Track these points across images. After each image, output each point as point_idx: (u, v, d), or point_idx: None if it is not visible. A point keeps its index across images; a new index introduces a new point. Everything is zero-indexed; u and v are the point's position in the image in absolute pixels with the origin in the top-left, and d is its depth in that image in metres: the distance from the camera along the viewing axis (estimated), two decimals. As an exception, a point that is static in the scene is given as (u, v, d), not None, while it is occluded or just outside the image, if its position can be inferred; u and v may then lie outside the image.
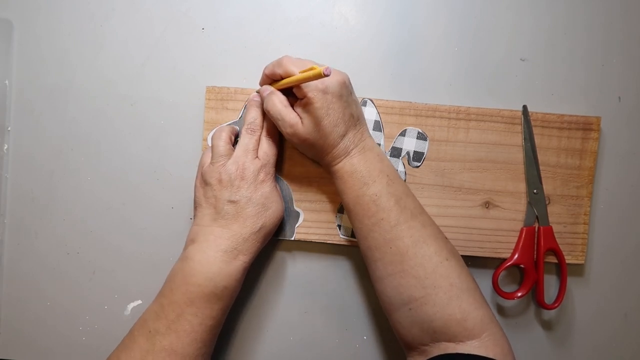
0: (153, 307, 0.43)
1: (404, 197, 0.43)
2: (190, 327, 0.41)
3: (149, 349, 0.41)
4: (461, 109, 0.49)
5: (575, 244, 0.49)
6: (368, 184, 0.43)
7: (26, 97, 0.52)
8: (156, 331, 0.42)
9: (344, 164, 0.44)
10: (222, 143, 0.46)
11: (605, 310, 0.51)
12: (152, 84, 0.51)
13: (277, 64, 0.44)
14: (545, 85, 0.51)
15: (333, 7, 0.51)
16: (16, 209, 0.52)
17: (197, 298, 0.42)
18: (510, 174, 0.49)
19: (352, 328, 0.51)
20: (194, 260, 0.42)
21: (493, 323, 0.41)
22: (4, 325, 0.52)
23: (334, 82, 0.42)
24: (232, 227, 0.43)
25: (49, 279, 0.52)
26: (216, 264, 0.42)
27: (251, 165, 0.44)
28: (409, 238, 0.42)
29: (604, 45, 0.51)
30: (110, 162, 0.52)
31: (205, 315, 0.42)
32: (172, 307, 0.42)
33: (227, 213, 0.43)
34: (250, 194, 0.44)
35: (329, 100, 0.42)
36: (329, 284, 0.51)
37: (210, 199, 0.44)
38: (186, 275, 0.42)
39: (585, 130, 0.49)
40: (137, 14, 0.51)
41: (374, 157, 0.44)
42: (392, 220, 0.42)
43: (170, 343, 0.41)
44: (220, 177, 0.44)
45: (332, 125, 0.43)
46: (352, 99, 0.44)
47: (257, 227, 0.44)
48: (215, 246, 0.43)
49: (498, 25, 0.51)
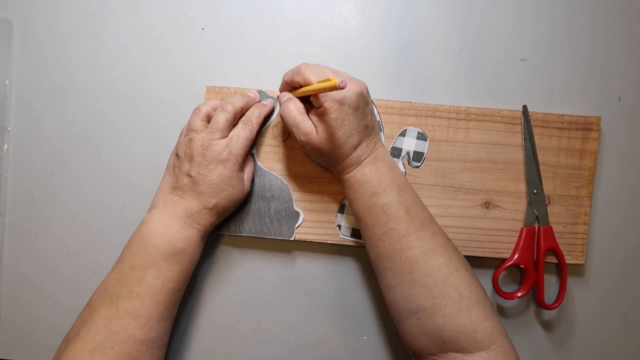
0: (112, 275, 0.43)
1: (414, 206, 0.43)
2: (152, 290, 0.42)
3: (112, 315, 0.41)
4: (461, 109, 0.49)
5: (575, 244, 0.49)
6: (379, 193, 0.43)
7: (26, 97, 0.52)
8: (118, 296, 0.42)
9: (355, 174, 0.44)
10: (198, 119, 0.46)
11: (605, 311, 0.51)
12: (152, 84, 0.51)
13: (295, 72, 0.44)
14: (546, 86, 0.51)
15: (333, 7, 0.51)
16: (16, 209, 0.52)
17: (157, 259, 0.42)
18: (510, 174, 0.49)
19: (352, 328, 0.51)
20: (152, 224, 0.44)
21: (502, 335, 0.41)
22: (4, 325, 0.52)
23: (351, 93, 0.42)
24: (186, 198, 0.44)
25: (49, 279, 0.52)
26: (173, 227, 0.43)
27: (216, 144, 0.44)
28: (418, 248, 0.42)
29: (604, 45, 0.51)
30: (110, 162, 0.52)
31: (167, 278, 0.43)
32: (133, 271, 0.42)
33: (184, 185, 0.44)
34: (206, 173, 0.44)
35: (345, 112, 0.42)
36: (329, 284, 0.51)
37: (175, 169, 0.46)
38: (145, 238, 0.43)
39: (585, 130, 0.49)
40: (137, 14, 0.51)
41: (385, 166, 0.44)
42: (402, 230, 0.42)
43: (133, 306, 0.41)
44: (185, 151, 0.45)
45: (346, 136, 0.43)
46: (368, 110, 0.44)
47: (210, 204, 0.44)
48: (172, 212, 0.44)
49: (498, 25, 0.51)
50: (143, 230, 0.44)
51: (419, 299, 0.41)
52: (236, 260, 0.51)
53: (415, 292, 0.42)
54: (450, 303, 0.41)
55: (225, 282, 0.51)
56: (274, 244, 0.51)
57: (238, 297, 0.51)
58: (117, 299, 0.42)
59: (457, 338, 0.40)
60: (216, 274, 0.51)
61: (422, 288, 0.41)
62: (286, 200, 0.50)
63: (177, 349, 0.51)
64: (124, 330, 0.41)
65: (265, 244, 0.51)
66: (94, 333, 0.41)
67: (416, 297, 0.41)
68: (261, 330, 0.51)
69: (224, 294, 0.51)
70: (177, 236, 0.43)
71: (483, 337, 0.40)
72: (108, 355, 0.40)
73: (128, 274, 0.42)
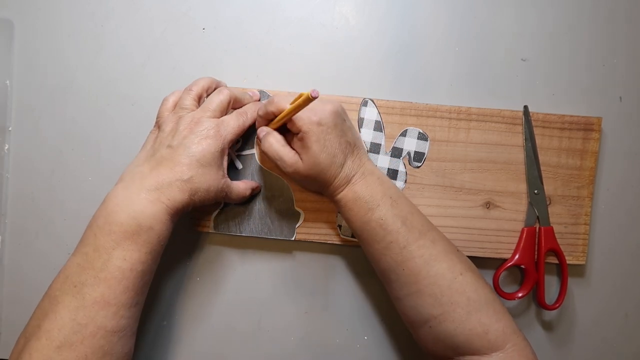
0: (74, 259, 0.40)
1: (409, 216, 0.43)
2: (120, 274, 0.38)
3: (78, 305, 0.37)
4: (462, 109, 0.49)
5: (576, 245, 0.49)
6: (372, 208, 0.43)
7: (27, 97, 0.52)
8: (83, 284, 0.38)
9: (347, 192, 0.44)
10: (189, 97, 0.45)
11: (606, 311, 0.51)
12: (153, 84, 0.51)
13: (268, 103, 0.44)
14: (546, 86, 0.50)
15: (333, 7, 0.51)
16: (17, 209, 0.52)
17: (123, 239, 0.39)
18: (511, 174, 0.49)
19: (353, 328, 0.51)
20: (118, 198, 0.40)
21: (516, 334, 0.41)
22: (4, 325, 0.52)
23: (326, 113, 0.42)
24: (159, 169, 0.41)
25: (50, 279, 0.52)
26: (139, 201, 0.40)
27: (206, 121, 0.43)
28: (420, 258, 0.42)
29: (605, 45, 0.51)
30: (111, 162, 0.52)
31: (135, 260, 0.39)
32: (97, 253, 0.39)
33: (161, 156, 0.42)
34: (189, 144, 0.42)
35: (325, 131, 0.42)
36: (329, 284, 0.51)
37: (155, 143, 0.43)
38: (109, 214, 0.39)
39: (586, 130, 0.49)
40: (137, 14, 0.51)
41: (375, 180, 0.44)
42: (401, 242, 0.42)
43: (101, 294, 0.38)
44: (172, 127, 0.43)
45: (331, 156, 0.43)
46: (347, 126, 0.44)
47: (184, 177, 0.41)
48: (140, 184, 0.40)
49: (499, 25, 0.51)
50: (107, 206, 0.40)
51: (427, 308, 0.41)
52: (237, 260, 0.51)
53: (423, 302, 0.41)
54: (459, 308, 0.41)
55: (225, 282, 0.51)
56: (274, 244, 0.51)
57: (239, 297, 0.51)
58: (82, 286, 0.38)
59: (470, 342, 0.40)
60: (217, 274, 0.51)
61: (429, 297, 0.41)
62: (287, 200, 0.50)
63: (177, 349, 0.51)
64: (92, 321, 0.37)
65: (265, 244, 0.51)
66: (59, 326, 0.37)
67: (424, 306, 0.41)
68: (262, 330, 0.51)
69: (224, 294, 0.51)
70: (144, 212, 0.39)
71: (496, 337, 0.40)
72: (78, 350, 0.37)
73: (92, 256, 0.39)
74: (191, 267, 0.51)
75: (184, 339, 0.51)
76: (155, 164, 0.42)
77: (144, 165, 0.42)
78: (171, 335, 0.51)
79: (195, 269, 0.51)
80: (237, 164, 0.49)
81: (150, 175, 0.41)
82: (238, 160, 0.49)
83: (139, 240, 0.39)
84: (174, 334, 0.51)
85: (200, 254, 0.51)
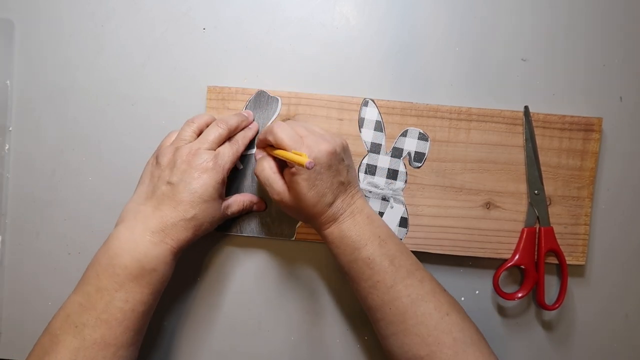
0: (76, 298, 0.40)
1: (398, 255, 0.43)
2: (122, 315, 0.39)
3: (78, 345, 0.38)
4: (462, 110, 0.49)
5: (576, 245, 0.49)
6: (359, 248, 0.42)
7: (27, 97, 0.52)
8: (84, 325, 0.38)
9: (333, 230, 0.43)
10: (189, 130, 0.45)
11: (606, 311, 0.51)
12: (153, 84, 0.51)
13: (268, 131, 0.44)
14: (547, 86, 0.50)
15: (334, 7, 0.51)
16: (17, 209, 0.52)
17: (126, 281, 0.39)
18: (511, 175, 0.49)
19: (353, 328, 0.51)
20: (120, 240, 0.40)
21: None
22: (5, 325, 0.52)
23: (322, 152, 0.41)
24: (162, 209, 0.41)
25: (51, 279, 0.52)
26: (143, 244, 0.40)
27: (203, 153, 0.43)
28: (407, 297, 0.41)
29: (605, 45, 0.50)
30: (111, 162, 0.52)
31: (137, 301, 0.40)
32: (100, 294, 0.39)
33: (162, 194, 0.42)
34: (189, 180, 0.42)
35: (317, 172, 0.41)
36: (330, 284, 0.51)
37: (154, 178, 0.43)
38: (112, 257, 0.40)
39: (587, 131, 0.49)
40: (137, 14, 0.51)
41: (364, 219, 0.43)
42: (389, 282, 0.42)
43: (101, 335, 0.38)
44: (170, 158, 0.43)
45: (319, 196, 0.42)
46: (343, 166, 0.43)
47: (188, 215, 0.41)
48: (143, 225, 0.41)
49: (499, 25, 0.51)
50: (110, 247, 0.40)
51: (414, 348, 0.41)
52: (237, 260, 0.51)
53: (410, 341, 0.41)
54: (445, 348, 0.40)
55: (226, 282, 0.51)
56: (274, 244, 0.51)
57: (239, 297, 0.51)
58: (83, 327, 0.38)
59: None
60: (217, 274, 0.51)
61: (416, 336, 0.41)
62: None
63: (177, 349, 0.51)
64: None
65: (266, 244, 0.51)
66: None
67: (411, 346, 0.41)
68: (262, 330, 0.51)
69: (224, 294, 0.51)
70: (148, 255, 0.40)
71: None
72: None
73: (94, 297, 0.39)
74: (191, 268, 0.51)
75: (184, 339, 0.51)
76: (157, 203, 0.42)
77: (146, 204, 0.42)
78: (171, 336, 0.51)
79: (195, 269, 0.51)
80: (238, 164, 0.49)
81: (153, 216, 0.41)
82: (239, 160, 0.50)
83: (142, 282, 0.40)
84: (174, 334, 0.51)
85: (200, 254, 0.51)
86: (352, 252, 0.42)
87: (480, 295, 0.51)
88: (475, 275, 0.51)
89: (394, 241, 0.44)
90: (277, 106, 0.49)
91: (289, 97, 0.49)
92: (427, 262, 0.50)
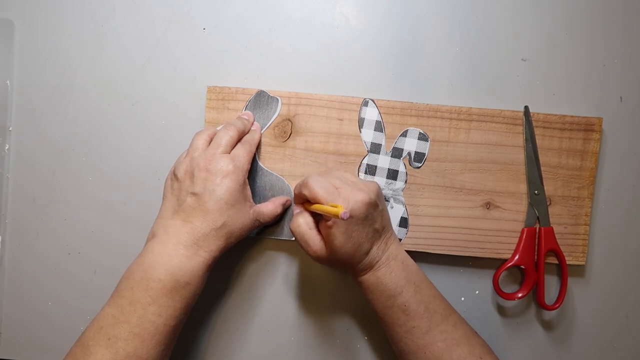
0: (109, 310, 0.40)
1: (432, 300, 0.43)
2: (154, 329, 0.39)
3: (111, 358, 0.38)
4: (462, 110, 0.49)
5: (576, 245, 0.49)
6: (395, 295, 0.42)
7: (27, 97, 0.52)
8: (117, 337, 0.39)
9: (369, 277, 0.43)
10: (201, 141, 0.45)
11: (606, 311, 0.51)
12: (153, 84, 0.51)
13: (303, 186, 0.43)
14: (547, 86, 0.50)
15: (334, 7, 0.51)
16: (17, 209, 0.52)
17: (160, 295, 0.39)
18: (511, 175, 0.49)
19: (353, 328, 0.51)
20: (154, 254, 0.40)
21: None
22: (5, 325, 0.52)
23: (358, 204, 0.41)
24: (192, 221, 0.41)
25: (50, 279, 0.52)
26: (177, 257, 0.40)
27: (220, 158, 0.43)
28: (442, 342, 0.42)
29: (605, 45, 0.51)
30: (112, 162, 0.52)
31: (169, 315, 0.40)
32: (133, 308, 0.39)
33: (189, 205, 0.42)
34: (213, 188, 0.41)
35: (353, 223, 0.41)
36: (329, 284, 0.51)
37: (175, 191, 0.43)
38: (146, 270, 0.40)
39: (587, 131, 0.49)
40: (138, 14, 0.51)
41: (399, 265, 0.43)
42: (424, 327, 0.42)
43: (134, 349, 0.39)
44: (186, 169, 0.43)
45: (356, 246, 0.42)
46: (378, 212, 0.43)
47: (218, 224, 0.42)
48: (176, 239, 0.41)
49: (499, 25, 0.51)
50: (144, 261, 0.40)
51: None
52: (237, 261, 0.51)
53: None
54: None
55: (226, 282, 0.51)
56: (275, 244, 0.51)
57: (239, 297, 0.51)
58: (116, 340, 0.39)
59: None
60: (217, 274, 0.51)
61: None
62: (287, 200, 0.50)
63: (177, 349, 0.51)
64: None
65: (266, 244, 0.51)
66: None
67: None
68: (262, 331, 0.51)
69: (224, 294, 0.51)
70: (182, 269, 0.40)
71: None
72: None
73: (128, 310, 0.39)
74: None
75: (184, 340, 0.51)
76: (185, 215, 0.42)
77: (174, 218, 0.42)
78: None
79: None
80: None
81: (183, 229, 0.41)
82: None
83: (175, 296, 0.40)
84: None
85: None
86: (388, 299, 0.43)
87: (480, 295, 0.51)
88: (475, 275, 0.51)
89: (428, 285, 0.44)
90: (277, 106, 0.50)
91: (289, 97, 0.50)
92: (427, 262, 0.50)
